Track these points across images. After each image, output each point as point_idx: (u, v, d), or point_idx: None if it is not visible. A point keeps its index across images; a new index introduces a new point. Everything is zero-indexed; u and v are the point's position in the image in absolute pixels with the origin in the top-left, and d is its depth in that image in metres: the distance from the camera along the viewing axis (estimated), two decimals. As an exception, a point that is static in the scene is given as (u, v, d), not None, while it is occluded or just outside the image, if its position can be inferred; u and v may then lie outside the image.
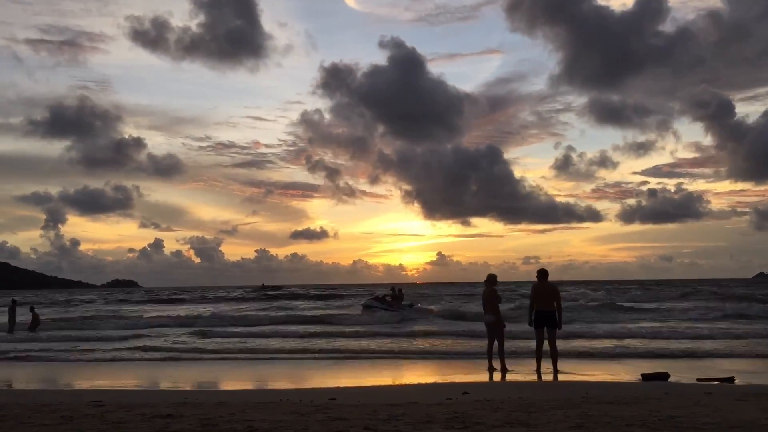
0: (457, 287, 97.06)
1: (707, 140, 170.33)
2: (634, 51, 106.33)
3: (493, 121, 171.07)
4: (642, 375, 11.00)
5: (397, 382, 12.18)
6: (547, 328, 12.26)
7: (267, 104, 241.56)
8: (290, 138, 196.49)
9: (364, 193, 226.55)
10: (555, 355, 12.29)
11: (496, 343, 13.12)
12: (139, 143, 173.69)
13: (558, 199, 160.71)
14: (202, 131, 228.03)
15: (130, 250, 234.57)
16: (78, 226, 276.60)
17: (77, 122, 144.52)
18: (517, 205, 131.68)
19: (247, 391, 11.31)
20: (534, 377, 12.03)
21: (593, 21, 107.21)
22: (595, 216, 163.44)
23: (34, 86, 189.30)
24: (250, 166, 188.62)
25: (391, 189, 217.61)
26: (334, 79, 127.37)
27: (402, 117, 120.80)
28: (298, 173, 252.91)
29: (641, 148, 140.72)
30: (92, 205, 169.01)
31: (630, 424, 6.08)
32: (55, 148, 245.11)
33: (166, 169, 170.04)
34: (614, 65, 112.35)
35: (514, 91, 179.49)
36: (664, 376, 10.79)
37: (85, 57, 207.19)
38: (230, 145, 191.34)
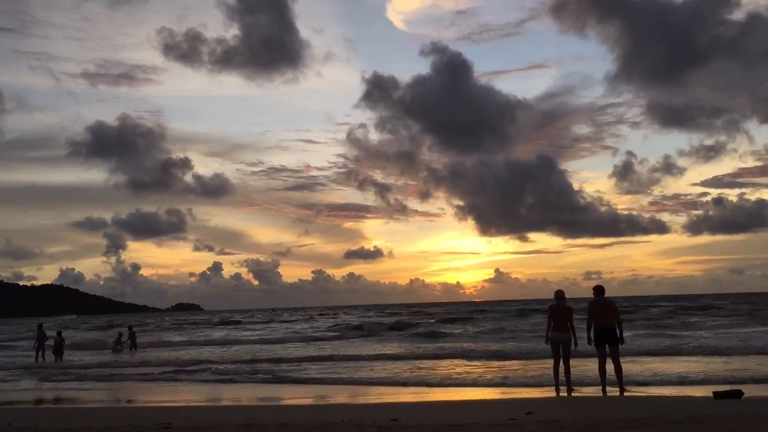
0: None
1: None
2: (698, 43, 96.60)
3: (543, 135, 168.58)
4: (714, 393, 10.57)
5: (458, 398, 12.07)
6: (609, 344, 11.98)
7: (316, 126, 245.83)
8: (340, 160, 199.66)
9: (417, 212, 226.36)
10: (620, 372, 11.97)
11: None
12: (193, 169, 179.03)
13: (618, 212, 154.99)
14: (255, 156, 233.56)
15: (191, 274, 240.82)
16: (139, 252, 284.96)
17: (132, 150, 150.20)
18: (575, 218, 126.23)
19: (308, 407, 11.39)
20: (599, 395, 11.77)
21: (651, 12, 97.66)
22: (657, 228, 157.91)
23: (90, 117, 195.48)
24: (302, 188, 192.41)
25: (444, 207, 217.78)
26: (378, 90, 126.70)
27: (450, 127, 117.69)
28: (351, 194, 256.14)
29: (707, 153, 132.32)
30: (151, 230, 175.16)
31: (703, 444, 5.87)
32: (109, 175, 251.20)
33: (221, 193, 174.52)
34: (675, 60, 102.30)
35: (564, 105, 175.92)
36: (737, 394, 10.35)
37: (139, 88, 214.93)
38: (282, 169, 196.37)
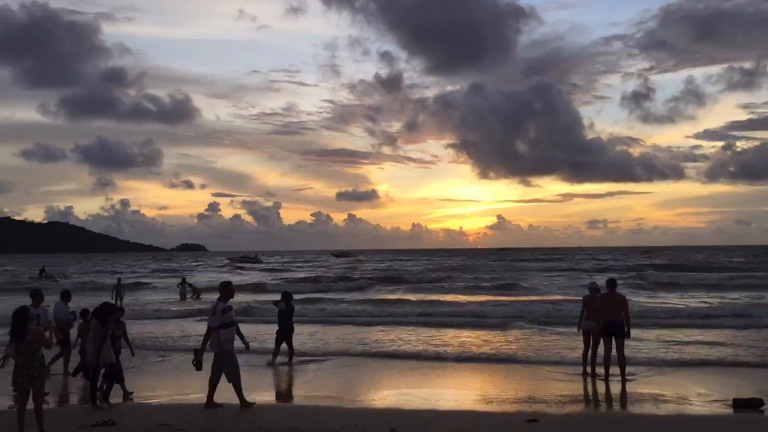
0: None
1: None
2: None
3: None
4: (734, 400, 10.00)
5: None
6: (616, 338, 12.21)
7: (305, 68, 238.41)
8: (330, 105, 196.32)
9: (413, 159, 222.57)
10: (623, 363, 12.23)
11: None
12: (192, 110, 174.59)
13: (628, 155, 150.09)
14: (247, 99, 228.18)
15: (190, 215, 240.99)
16: (137, 192, 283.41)
17: (120, 95, 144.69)
18: (580, 160, 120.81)
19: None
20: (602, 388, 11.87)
21: None
22: (670, 176, 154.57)
23: (72, 57, 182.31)
24: (297, 133, 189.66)
25: (439, 153, 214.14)
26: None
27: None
28: (355, 140, 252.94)
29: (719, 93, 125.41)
30: (145, 171, 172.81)
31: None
32: (97, 119, 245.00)
33: (219, 136, 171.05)
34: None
35: (554, 53, 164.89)
36: (757, 403, 9.77)
37: (119, 28, 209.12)
38: (275, 113, 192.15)
